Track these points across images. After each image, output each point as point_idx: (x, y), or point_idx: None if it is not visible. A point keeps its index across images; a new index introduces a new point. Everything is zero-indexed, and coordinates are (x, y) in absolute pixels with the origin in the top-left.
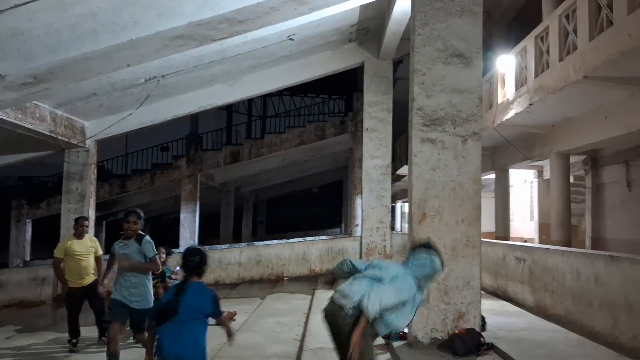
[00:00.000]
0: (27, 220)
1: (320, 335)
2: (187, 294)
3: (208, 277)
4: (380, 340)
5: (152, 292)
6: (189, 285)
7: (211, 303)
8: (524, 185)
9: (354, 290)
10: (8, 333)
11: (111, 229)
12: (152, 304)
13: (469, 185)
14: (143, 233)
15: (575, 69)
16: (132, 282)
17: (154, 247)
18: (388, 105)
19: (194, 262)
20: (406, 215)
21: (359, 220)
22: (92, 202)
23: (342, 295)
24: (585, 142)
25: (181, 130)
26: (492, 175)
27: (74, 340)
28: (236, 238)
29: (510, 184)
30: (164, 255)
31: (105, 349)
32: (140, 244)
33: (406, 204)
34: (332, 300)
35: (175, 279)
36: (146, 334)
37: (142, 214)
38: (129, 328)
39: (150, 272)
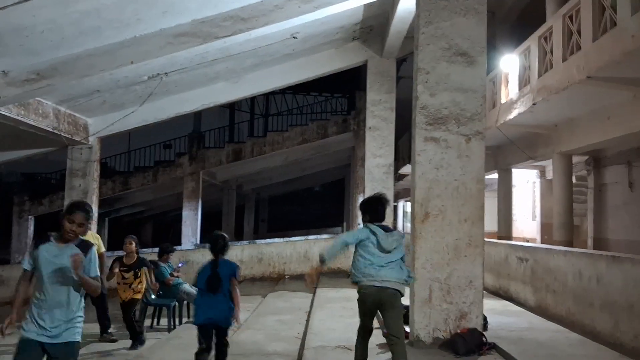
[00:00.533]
0: (30, 216)
1: (322, 333)
2: (220, 267)
3: None
4: (381, 340)
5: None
6: (220, 262)
7: (236, 269)
8: (527, 185)
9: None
10: (9, 329)
11: (114, 226)
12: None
13: (472, 184)
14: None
15: (578, 69)
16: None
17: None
18: (391, 104)
19: (221, 244)
20: (408, 214)
21: (360, 219)
22: (94, 199)
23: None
24: (587, 143)
25: (184, 127)
26: (495, 175)
27: None
28: (238, 236)
29: (513, 183)
30: (133, 245)
31: (108, 343)
32: (87, 254)
33: (408, 203)
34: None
35: (177, 276)
36: None
37: (91, 213)
38: None
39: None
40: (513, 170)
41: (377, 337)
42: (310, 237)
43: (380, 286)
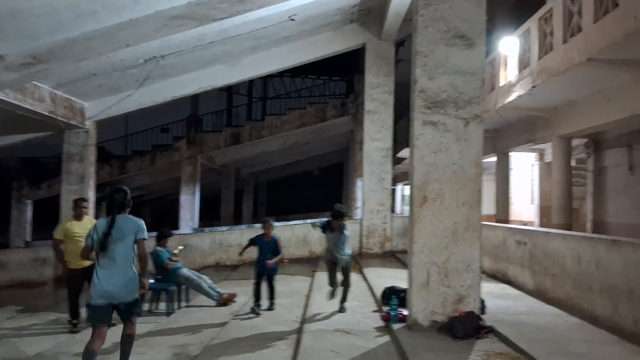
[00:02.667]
0: (28, 201)
1: (320, 316)
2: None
3: (209, 259)
4: (380, 323)
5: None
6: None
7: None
8: (525, 169)
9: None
10: (9, 313)
11: None
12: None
13: (470, 168)
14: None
15: (579, 51)
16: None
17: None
18: (389, 87)
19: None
20: (407, 198)
21: (359, 203)
22: (92, 183)
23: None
24: (587, 125)
25: (181, 111)
26: (493, 158)
27: (74, 321)
28: (237, 220)
29: (511, 167)
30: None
31: (111, 328)
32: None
33: (407, 187)
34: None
35: (176, 261)
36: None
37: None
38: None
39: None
40: (511, 153)
41: (375, 321)
42: (309, 221)
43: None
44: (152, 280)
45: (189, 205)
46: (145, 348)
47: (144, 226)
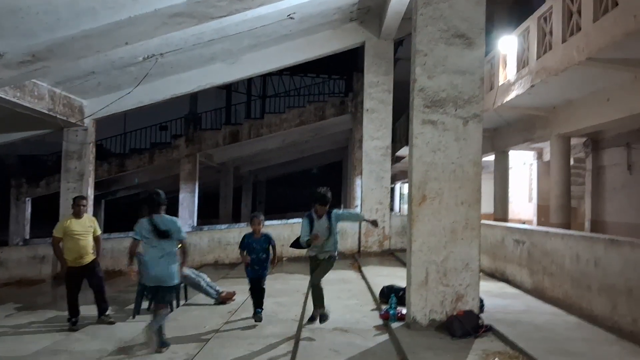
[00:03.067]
0: (27, 198)
1: None
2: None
3: (207, 257)
4: (379, 322)
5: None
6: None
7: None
8: (524, 167)
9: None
10: (8, 311)
11: (110, 209)
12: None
13: (469, 167)
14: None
15: (578, 50)
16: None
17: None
18: (388, 86)
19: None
20: (405, 196)
21: (358, 202)
22: (90, 181)
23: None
24: (586, 125)
25: (180, 109)
26: (492, 157)
27: (73, 319)
28: (235, 218)
29: (510, 165)
30: None
31: (110, 326)
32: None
33: (406, 186)
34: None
35: None
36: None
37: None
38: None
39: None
40: (510, 152)
41: (373, 319)
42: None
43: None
44: None
45: (188, 203)
46: (144, 346)
47: (181, 225)
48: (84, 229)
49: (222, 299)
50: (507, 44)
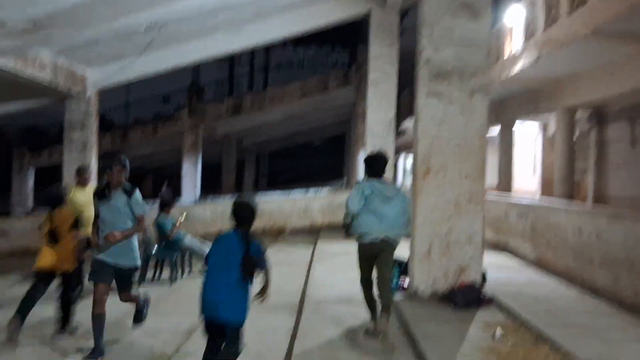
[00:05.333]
0: (30, 169)
1: (322, 286)
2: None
3: (211, 229)
4: None
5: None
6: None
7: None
8: (528, 140)
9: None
10: (15, 281)
11: None
12: (139, 262)
13: (474, 140)
14: (130, 184)
15: (584, 23)
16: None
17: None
18: (393, 57)
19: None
20: (409, 170)
21: (361, 175)
22: (94, 152)
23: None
24: (591, 98)
25: (182, 80)
26: (497, 130)
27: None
28: (238, 190)
29: (514, 138)
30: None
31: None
32: (130, 198)
33: (409, 159)
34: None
35: (179, 229)
36: (133, 293)
37: (126, 162)
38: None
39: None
40: (515, 125)
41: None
42: (310, 193)
43: (377, 239)
44: (155, 248)
45: (191, 175)
46: (151, 314)
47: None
48: (88, 199)
49: None
50: (514, 15)
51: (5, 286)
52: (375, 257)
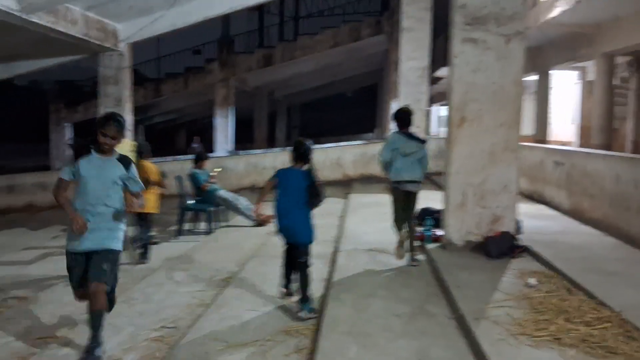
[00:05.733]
0: (66, 123)
1: (354, 236)
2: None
3: (244, 181)
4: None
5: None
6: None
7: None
8: (566, 88)
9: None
10: (54, 232)
11: (149, 133)
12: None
13: (510, 87)
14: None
15: None
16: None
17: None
18: (427, 3)
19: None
20: (443, 119)
21: (393, 126)
22: (128, 107)
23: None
24: (632, 43)
25: (213, 32)
26: (533, 77)
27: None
28: (270, 143)
29: (552, 86)
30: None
31: (155, 246)
32: (128, 171)
33: (443, 108)
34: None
35: (214, 182)
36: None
37: (125, 122)
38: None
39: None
40: (552, 71)
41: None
42: (342, 144)
43: (406, 181)
44: (191, 201)
45: (223, 128)
46: (188, 265)
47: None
48: (123, 152)
49: (261, 221)
50: None
51: (48, 237)
52: (405, 197)
